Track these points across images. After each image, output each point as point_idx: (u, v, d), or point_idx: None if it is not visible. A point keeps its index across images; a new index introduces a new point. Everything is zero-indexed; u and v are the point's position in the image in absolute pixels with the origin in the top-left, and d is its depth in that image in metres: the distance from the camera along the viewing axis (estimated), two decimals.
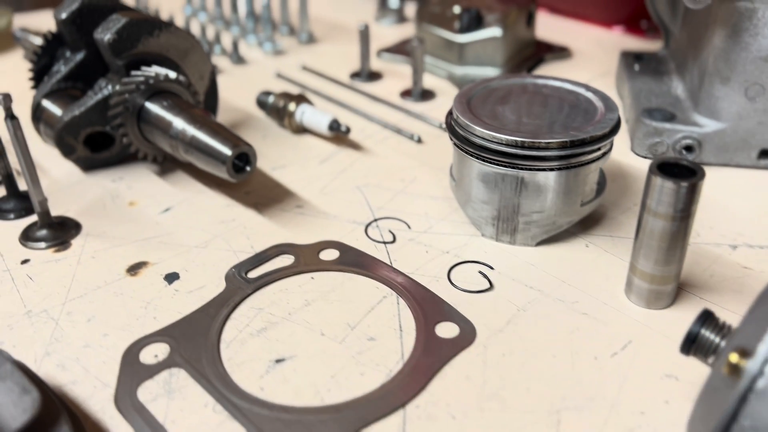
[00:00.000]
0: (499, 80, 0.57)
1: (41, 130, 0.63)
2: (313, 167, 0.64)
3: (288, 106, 0.69)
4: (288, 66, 0.87)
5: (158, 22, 0.61)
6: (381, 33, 0.98)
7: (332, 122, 0.66)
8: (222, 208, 0.58)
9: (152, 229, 0.56)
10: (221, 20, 0.98)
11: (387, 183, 0.61)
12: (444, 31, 0.82)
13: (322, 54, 0.91)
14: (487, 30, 0.80)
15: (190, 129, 0.55)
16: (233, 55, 0.87)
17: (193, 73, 0.65)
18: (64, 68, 0.64)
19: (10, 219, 0.57)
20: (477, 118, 0.51)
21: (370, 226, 0.56)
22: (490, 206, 0.52)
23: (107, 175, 0.63)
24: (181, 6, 1.06)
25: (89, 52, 0.64)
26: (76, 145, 0.61)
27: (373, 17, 1.03)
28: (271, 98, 0.70)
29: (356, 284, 0.49)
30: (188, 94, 0.61)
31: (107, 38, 0.58)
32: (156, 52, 0.61)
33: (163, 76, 0.59)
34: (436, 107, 0.76)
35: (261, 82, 0.82)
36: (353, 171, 0.64)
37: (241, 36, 0.95)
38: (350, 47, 0.92)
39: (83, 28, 0.63)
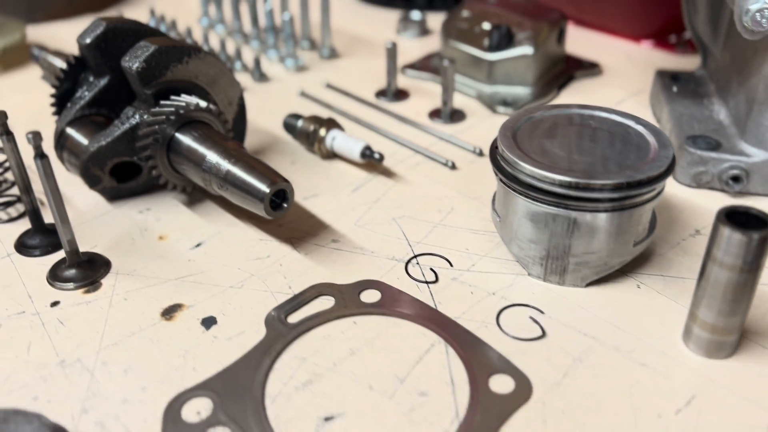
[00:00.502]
0: (543, 111, 0.55)
1: (65, 158, 0.61)
2: (345, 196, 0.62)
3: (318, 132, 0.66)
4: (311, 83, 0.85)
5: (187, 49, 0.59)
6: (403, 46, 0.95)
7: (364, 149, 0.64)
8: (255, 242, 0.56)
9: (184, 266, 0.54)
10: (240, 33, 0.95)
11: (423, 214, 0.59)
12: (472, 48, 0.80)
13: (345, 70, 0.88)
14: (518, 48, 0.77)
15: (224, 163, 0.53)
16: (255, 72, 0.85)
17: (221, 99, 0.63)
18: (88, 94, 0.62)
19: (35, 256, 0.55)
20: (525, 155, 0.49)
21: (410, 263, 0.54)
22: (539, 246, 0.50)
23: (134, 205, 0.61)
24: (197, 18, 1.04)
25: (113, 77, 0.62)
26: (102, 175, 0.59)
27: (394, 30, 1.01)
28: (300, 122, 0.68)
29: (401, 330, 0.47)
30: (219, 123, 0.59)
31: (135, 67, 0.56)
32: (185, 79, 0.59)
33: (193, 105, 0.57)
34: (467, 129, 0.74)
35: (285, 101, 0.80)
36: (387, 201, 0.61)
37: (261, 51, 0.93)
38: (373, 62, 0.90)
39: (108, 52, 0.61)
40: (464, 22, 0.83)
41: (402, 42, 0.97)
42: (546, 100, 0.78)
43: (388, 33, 1.00)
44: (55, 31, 1.02)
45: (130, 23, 0.62)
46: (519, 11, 0.82)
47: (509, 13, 0.82)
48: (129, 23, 0.62)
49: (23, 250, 0.56)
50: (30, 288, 0.52)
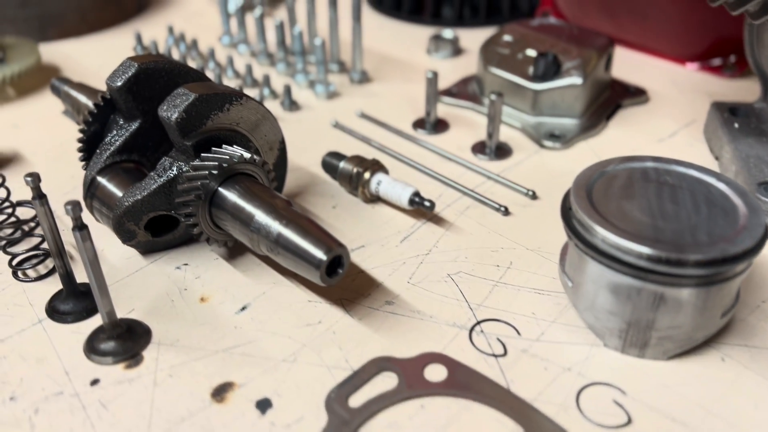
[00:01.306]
0: (615, 165, 0.51)
1: (94, 207, 0.57)
2: (393, 247, 0.59)
3: (362, 175, 0.62)
4: (344, 112, 0.80)
5: (229, 96, 0.54)
6: (435, 67, 0.91)
7: (413, 197, 0.60)
8: (304, 304, 0.53)
9: (231, 335, 0.50)
10: (265, 55, 0.91)
11: (480, 270, 0.56)
12: (515, 76, 0.76)
13: (377, 96, 0.84)
14: (566, 78, 0.73)
15: (275, 225, 0.49)
16: (285, 100, 0.80)
17: (262, 145, 0.59)
18: (118, 140, 0.58)
19: (69, 322, 0.51)
20: (605, 220, 0.45)
21: (473, 330, 0.50)
22: (619, 318, 0.46)
23: (170, 259, 0.57)
24: (218, 35, 0.99)
25: (144, 120, 0.58)
26: (137, 230, 0.55)
27: (424, 49, 0.96)
28: (342, 164, 0.64)
29: (475, 416, 0.44)
30: (263, 174, 0.55)
31: (175, 118, 0.52)
32: (225, 127, 0.55)
33: (237, 158, 0.53)
34: (515, 166, 0.70)
35: (318, 132, 0.76)
36: (439, 253, 0.58)
37: (287, 74, 0.88)
38: (406, 87, 0.86)
39: (139, 95, 0.57)
40: (505, 47, 0.79)
41: (433, 63, 0.93)
42: (595, 132, 0.75)
43: (419, 53, 0.96)
44: (69, 49, 0.98)
45: (162, 63, 0.58)
46: (564, 37, 0.78)
47: (553, 38, 0.78)
48: (161, 63, 0.58)
49: (56, 316, 0.52)
50: (66, 362, 0.48)
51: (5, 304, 0.53)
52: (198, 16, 1.09)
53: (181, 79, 0.59)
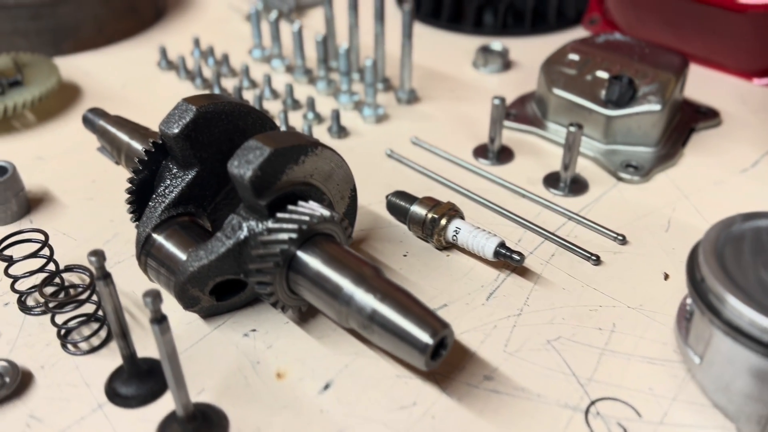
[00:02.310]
0: (738, 224, 0.46)
1: (149, 265, 0.51)
2: (480, 306, 0.53)
3: (438, 222, 0.57)
4: (396, 138, 0.74)
5: (305, 147, 0.48)
6: (484, 84, 0.85)
7: (500, 248, 0.54)
8: (393, 381, 0.47)
9: (318, 421, 0.45)
10: (302, 71, 0.84)
11: (582, 334, 0.51)
12: (584, 100, 0.70)
13: (429, 118, 0.78)
14: (643, 105, 0.68)
15: (368, 300, 0.43)
16: (333, 125, 0.74)
17: (334, 195, 0.53)
18: (174, 191, 0.52)
19: (132, 407, 0.46)
20: (746, 295, 0.40)
21: (588, 412, 0.45)
22: (761, 404, 0.41)
23: (235, 324, 0.52)
24: (248, 47, 0.93)
25: (202, 169, 0.52)
26: (201, 296, 0.50)
27: (469, 61, 0.90)
28: (414, 208, 0.58)
29: None
30: (340, 231, 0.49)
31: (249, 176, 0.46)
32: (299, 181, 0.49)
33: (317, 218, 0.47)
34: (594, 203, 0.64)
35: (372, 164, 0.70)
36: (532, 314, 0.52)
37: (329, 93, 0.82)
38: (458, 107, 0.80)
39: (197, 141, 0.51)
40: (571, 66, 0.73)
41: (482, 78, 0.87)
42: (672, 161, 0.69)
43: (464, 66, 0.89)
44: (86, 64, 0.91)
45: (222, 104, 0.52)
46: (636, 56, 0.72)
47: (624, 57, 0.72)
48: (221, 104, 0.52)
49: (118, 400, 0.46)
50: None
51: (58, 384, 0.47)
52: (221, 24, 1.02)
53: (242, 121, 0.54)
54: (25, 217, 0.63)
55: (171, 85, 0.85)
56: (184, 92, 0.83)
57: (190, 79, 0.85)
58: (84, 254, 0.57)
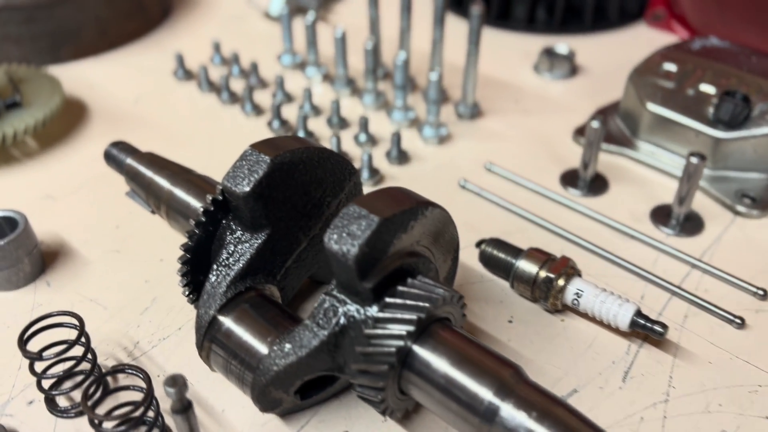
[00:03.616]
0: None
1: (214, 352, 0.41)
2: (615, 389, 0.44)
3: (555, 282, 0.47)
4: (465, 163, 0.64)
5: (416, 210, 0.38)
6: (550, 93, 0.75)
7: (638, 318, 0.45)
8: None
9: None
10: (344, 82, 0.73)
11: (748, 427, 0.41)
12: (688, 119, 0.61)
13: (497, 137, 0.68)
14: (762, 126, 0.58)
15: (521, 419, 0.33)
16: (393, 150, 0.64)
17: (438, 258, 0.43)
18: (241, 259, 0.42)
19: None
20: None
21: None
22: None
23: (321, 424, 0.42)
24: (276, 54, 0.81)
25: (274, 231, 0.42)
26: (285, 397, 0.39)
27: (529, 66, 0.80)
28: (521, 264, 0.48)
29: None
30: (457, 312, 0.39)
31: (354, 254, 0.35)
32: (406, 251, 0.39)
33: (436, 301, 0.37)
34: (715, 244, 0.55)
35: (443, 195, 0.60)
36: (683, 399, 0.43)
37: (377, 108, 0.71)
38: (529, 122, 0.70)
39: (270, 198, 0.41)
40: (668, 78, 0.63)
41: (547, 84, 0.77)
42: None
43: (523, 70, 0.79)
44: (89, 73, 0.79)
45: (299, 152, 0.41)
46: (744, 66, 0.63)
47: (729, 67, 0.63)
48: (298, 152, 0.41)
49: None
50: None
51: None
52: (236, 22, 0.90)
53: (320, 169, 0.43)
54: (40, 278, 0.52)
55: (192, 100, 0.74)
56: (209, 108, 0.72)
57: (215, 92, 0.74)
58: (119, 328, 0.47)
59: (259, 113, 0.71)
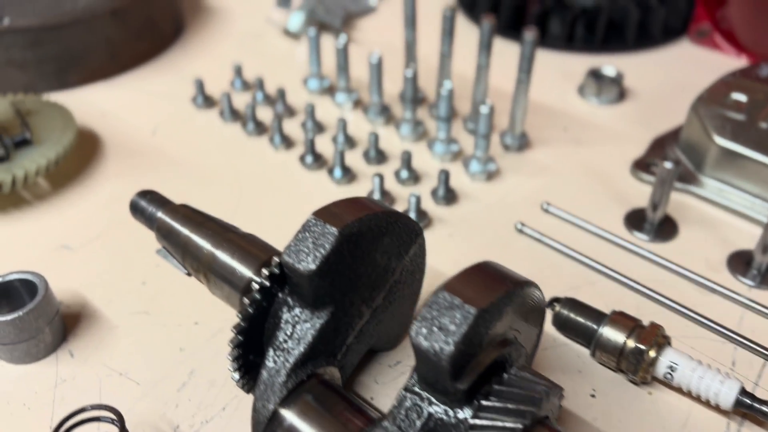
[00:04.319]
0: None
1: None
2: None
3: (646, 354, 0.42)
4: (519, 203, 0.59)
5: (512, 293, 0.33)
6: (599, 119, 0.70)
7: (743, 397, 0.40)
8: None
9: None
10: (378, 110, 0.68)
11: None
12: (761, 155, 0.56)
13: (549, 172, 0.63)
14: None
15: None
16: (440, 189, 0.59)
17: (524, 336, 0.38)
18: (302, 343, 0.36)
19: None
20: None
21: None
22: None
23: None
24: (301, 77, 0.76)
25: (337, 309, 0.37)
26: None
27: (573, 88, 0.75)
28: (606, 331, 0.43)
29: None
30: (556, 405, 0.34)
31: (450, 353, 0.30)
32: (498, 340, 0.34)
33: (539, 402, 0.32)
34: None
35: (499, 243, 0.55)
36: None
37: (413, 138, 0.66)
38: (579, 153, 0.65)
39: (336, 273, 0.35)
40: (737, 109, 0.59)
41: (594, 111, 0.72)
42: None
43: (567, 92, 0.74)
44: (99, 99, 0.73)
45: (367, 217, 0.36)
46: None
47: None
48: (367, 218, 0.36)
49: None
50: None
51: None
52: (254, 40, 0.85)
53: (387, 235, 0.38)
54: (62, 347, 0.47)
55: (214, 130, 0.68)
56: (233, 140, 0.67)
57: (240, 122, 0.68)
58: (155, 408, 0.42)
59: (289, 146, 0.65)
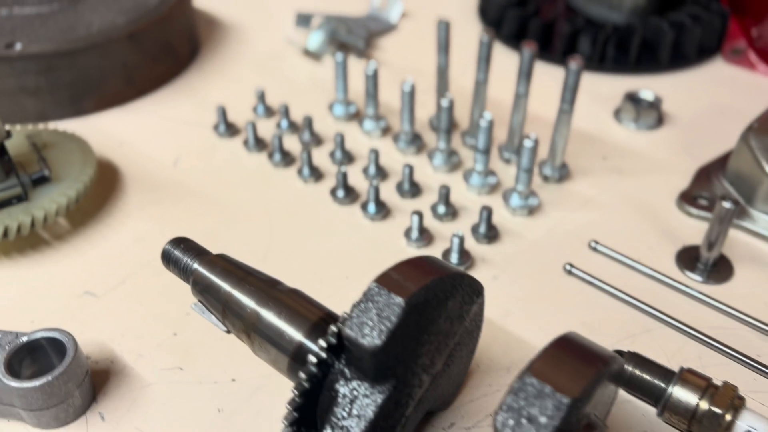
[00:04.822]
0: None
1: None
2: None
3: (723, 419, 0.39)
4: (563, 239, 0.56)
5: (603, 371, 0.30)
6: (638, 146, 0.68)
7: None
8: None
9: None
10: (409, 139, 0.65)
11: None
12: None
13: (592, 205, 0.60)
14: None
15: None
16: (482, 226, 0.56)
17: (600, 413, 0.35)
18: (362, 421, 0.33)
19: None
20: None
21: None
22: None
23: None
24: (328, 104, 0.73)
25: (399, 382, 0.34)
26: None
27: (610, 113, 0.72)
28: (677, 392, 0.41)
29: None
30: None
31: None
32: (584, 422, 0.31)
33: None
34: None
35: (546, 285, 0.52)
36: None
37: (447, 170, 0.63)
38: (622, 183, 0.62)
39: (401, 346, 0.33)
40: None
41: (632, 137, 0.69)
42: None
43: (604, 118, 0.71)
44: (115, 127, 0.70)
45: (432, 285, 0.33)
46: None
47: None
48: (432, 283, 0.33)
49: None
50: None
51: None
52: (273, 61, 0.82)
53: (452, 299, 0.35)
54: (92, 408, 0.44)
55: (239, 161, 0.65)
56: (259, 171, 0.64)
57: (266, 152, 0.65)
58: None
59: (318, 178, 0.62)
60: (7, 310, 0.50)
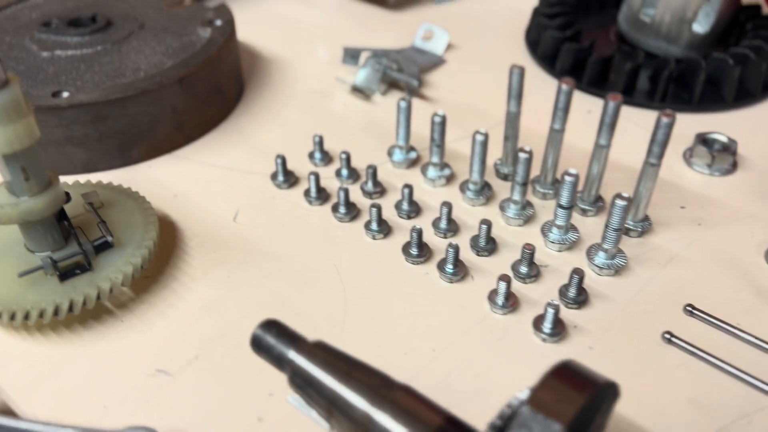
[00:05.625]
0: None
1: None
2: None
3: None
4: (654, 302, 0.54)
5: None
6: (716, 194, 0.65)
7: None
8: None
9: None
10: (479, 189, 0.62)
11: None
12: None
13: (680, 263, 0.57)
14: None
15: None
16: (571, 289, 0.53)
17: None
18: None
19: None
20: None
21: None
22: None
23: None
24: (385, 148, 0.69)
25: None
26: None
27: (680, 157, 0.69)
28: None
29: None
30: None
31: None
32: None
33: None
34: None
35: (644, 359, 0.50)
36: None
37: (520, 223, 0.60)
38: (707, 238, 0.59)
39: None
40: None
41: (708, 183, 0.66)
42: None
43: (674, 163, 0.68)
44: (165, 176, 0.67)
45: (588, 403, 0.30)
46: None
47: None
48: (588, 404, 0.30)
49: None
50: None
51: None
52: (320, 99, 0.79)
53: (599, 412, 0.32)
54: None
55: (302, 215, 0.62)
56: (324, 227, 0.61)
57: (330, 205, 0.62)
58: None
59: (388, 233, 0.59)
60: (76, 394, 0.47)
